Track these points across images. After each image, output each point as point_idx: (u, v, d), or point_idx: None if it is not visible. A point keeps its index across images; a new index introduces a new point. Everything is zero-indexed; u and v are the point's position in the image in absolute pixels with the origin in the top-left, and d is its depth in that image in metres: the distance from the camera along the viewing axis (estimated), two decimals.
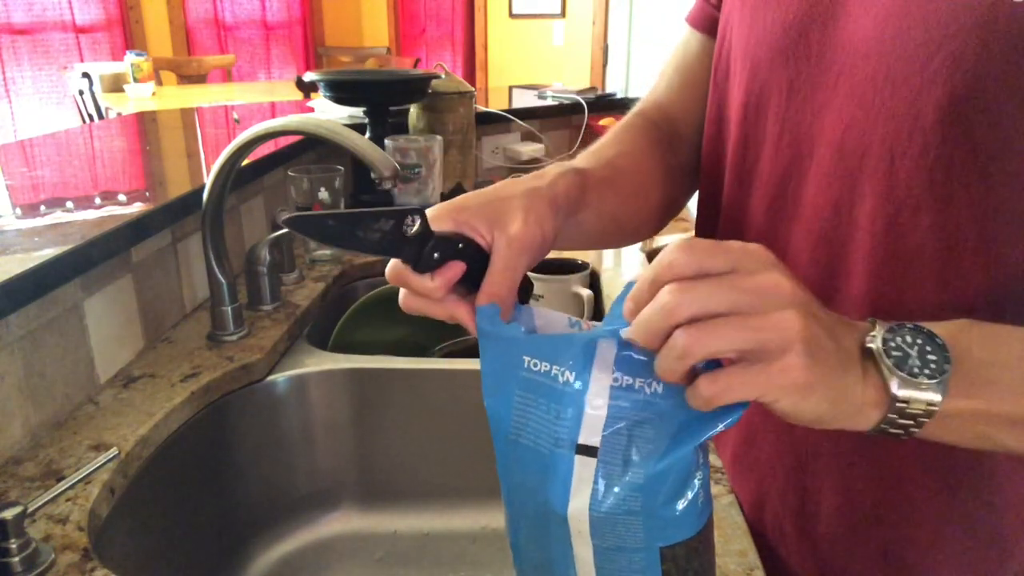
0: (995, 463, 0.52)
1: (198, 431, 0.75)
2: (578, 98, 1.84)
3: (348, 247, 0.40)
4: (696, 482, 0.38)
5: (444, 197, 1.37)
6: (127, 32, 4.20)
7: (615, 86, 4.09)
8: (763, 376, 0.34)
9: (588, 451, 0.38)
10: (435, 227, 0.43)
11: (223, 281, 0.83)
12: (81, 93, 3.17)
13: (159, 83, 3.64)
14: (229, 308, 0.84)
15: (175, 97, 3.10)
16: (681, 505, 0.37)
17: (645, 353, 0.37)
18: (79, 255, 0.68)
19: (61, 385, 0.69)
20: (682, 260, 0.35)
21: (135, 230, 0.77)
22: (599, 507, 0.37)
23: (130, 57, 3.06)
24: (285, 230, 0.95)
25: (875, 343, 0.37)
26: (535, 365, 0.39)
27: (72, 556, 0.53)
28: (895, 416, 0.37)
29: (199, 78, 4.04)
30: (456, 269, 0.42)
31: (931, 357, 0.37)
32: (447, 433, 0.87)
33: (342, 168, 1.09)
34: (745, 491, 0.66)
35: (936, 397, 0.36)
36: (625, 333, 0.36)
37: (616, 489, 0.37)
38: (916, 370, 0.37)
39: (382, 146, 1.15)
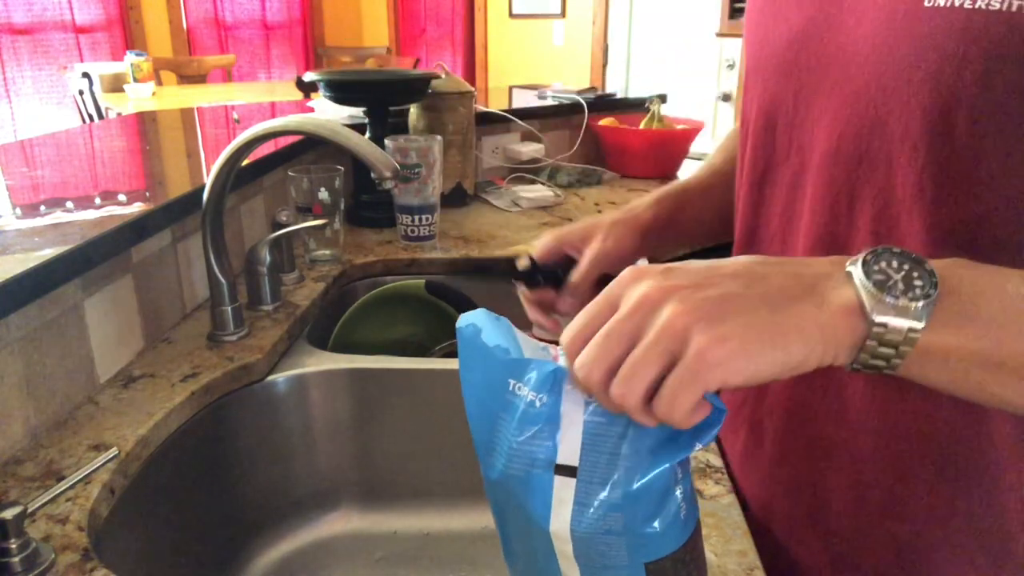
0: (998, 459, 0.52)
1: (198, 431, 0.75)
2: (578, 98, 1.84)
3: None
4: (677, 495, 0.38)
5: (444, 197, 1.37)
6: (127, 32, 4.20)
7: (615, 86, 4.09)
8: (689, 371, 0.34)
9: (567, 471, 0.38)
10: (543, 249, 0.71)
11: (223, 281, 0.83)
12: (81, 93, 3.18)
13: (159, 83, 3.64)
14: (229, 308, 0.84)
15: (175, 97, 3.10)
16: (662, 521, 0.37)
17: None
18: (79, 255, 0.68)
19: (61, 385, 0.69)
20: (572, 330, 0.37)
21: (135, 230, 0.77)
22: (580, 527, 0.37)
23: (130, 57, 3.06)
24: (285, 230, 0.95)
25: (855, 266, 0.36)
26: (518, 389, 0.39)
27: (72, 556, 0.53)
28: (874, 343, 0.35)
29: (199, 78, 4.04)
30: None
31: (917, 282, 0.36)
32: (447, 433, 0.87)
33: (342, 168, 1.09)
34: (755, 488, 0.66)
35: (918, 324, 0.35)
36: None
37: (596, 509, 0.37)
38: (898, 292, 0.35)
39: (382, 146, 1.15)
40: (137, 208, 0.80)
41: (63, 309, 0.69)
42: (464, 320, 0.42)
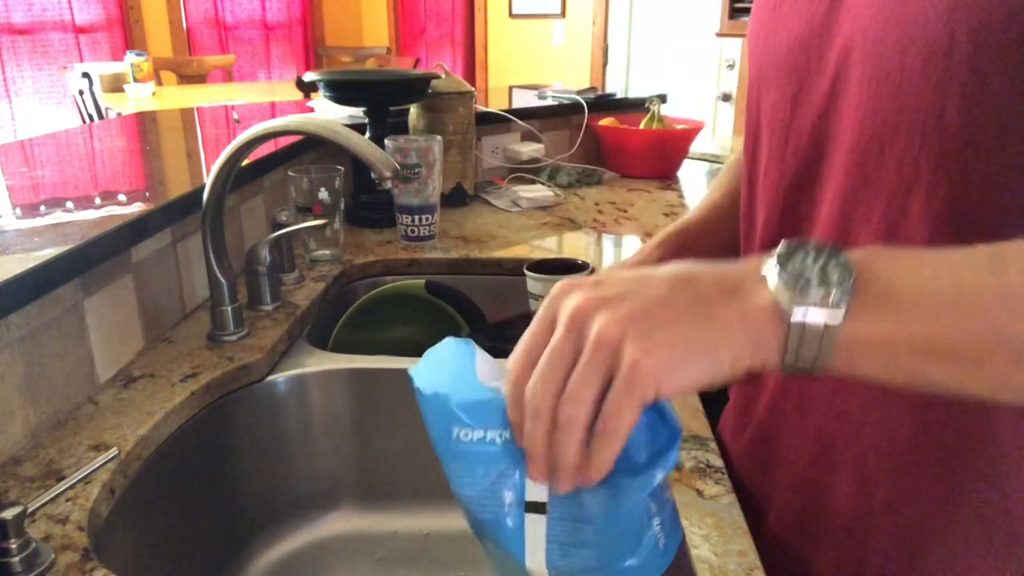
0: (1001, 446, 0.52)
1: (198, 431, 0.75)
2: (578, 98, 1.84)
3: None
4: (654, 528, 0.37)
5: (444, 197, 1.37)
6: (127, 32, 4.20)
7: (615, 86, 4.09)
8: (625, 384, 0.34)
9: (537, 508, 0.37)
10: None
11: (223, 281, 0.83)
12: (81, 93, 3.18)
13: (159, 83, 3.64)
14: (229, 308, 0.84)
15: (175, 97, 3.10)
16: (639, 555, 0.36)
17: None
18: (79, 255, 0.68)
19: (61, 385, 0.69)
20: (518, 354, 0.37)
21: (135, 230, 0.77)
22: (556, 564, 0.37)
23: (130, 57, 3.06)
24: (285, 230, 0.95)
25: (769, 264, 0.36)
26: (466, 435, 0.38)
27: (72, 556, 0.53)
28: (795, 342, 0.35)
29: (199, 78, 4.04)
30: None
31: (832, 275, 0.35)
32: None
33: (342, 168, 1.09)
34: (762, 488, 0.66)
35: (835, 320, 0.34)
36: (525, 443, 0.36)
37: (570, 547, 0.36)
38: (812, 288, 0.34)
39: (382, 146, 1.15)
40: (137, 208, 0.80)
41: (63, 309, 0.69)
42: (412, 371, 0.41)
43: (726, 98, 3.64)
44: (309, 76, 1.29)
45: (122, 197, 0.85)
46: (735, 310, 0.35)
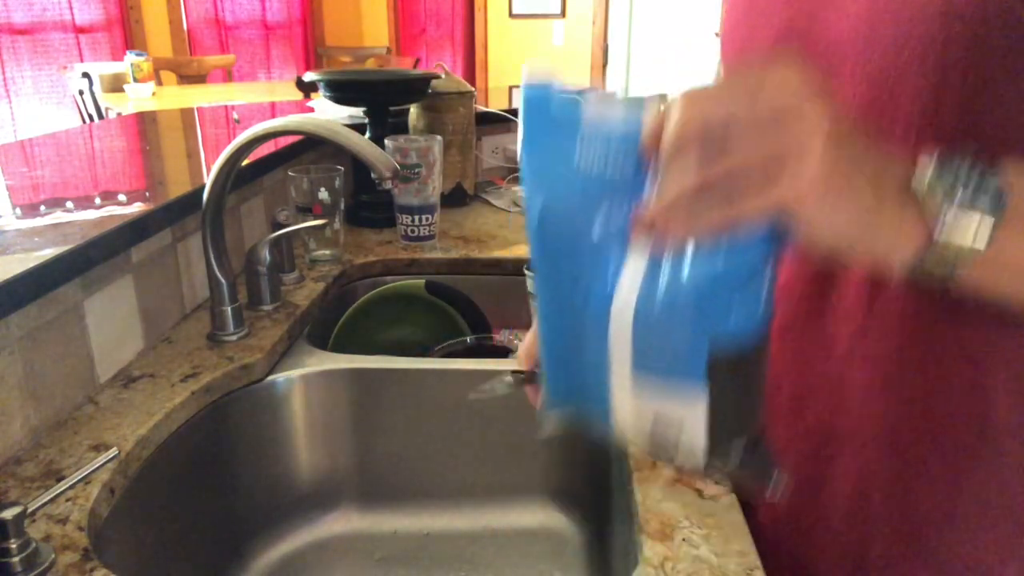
0: (999, 434, 0.52)
1: (198, 431, 0.75)
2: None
3: None
4: (760, 284, 0.34)
5: (444, 197, 1.37)
6: (127, 32, 4.20)
7: (615, 86, 4.09)
8: (775, 186, 0.33)
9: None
10: (526, 353, 0.53)
11: (223, 281, 0.83)
12: (81, 93, 3.18)
13: (159, 83, 3.64)
14: (229, 308, 0.84)
15: (175, 97, 3.10)
16: (738, 310, 0.34)
17: None
18: (79, 255, 0.68)
19: (61, 385, 0.69)
20: (701, 94, 0.34)
21: (135, 230, 0.77)
22: (647, 300, 0.34)
23: (130, 57, 3.06)
24: (285, 230, 0.95)
25: (925, 175, 0.36)
26: (592, 155, 0.35)
27: (72, 556, 0.53)
28: (934, 256, 0.35)
29: (199, 78, 4.04)
30: None
31: (982, 199, 0.35)
32: (447, 433, 0.87)
33: (342, 168, 1.09)
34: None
35: (980, 242, 0.35)
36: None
37: (668, 279, 0.34)
38: (961, 211, 0.35)
39: (382, 146, 1.14)
40: (137, 208, 0.80)
41: (63, 309, 0.69)
42: (531, 84, 0.37)
43: None
44: (309, 76, 1.29)
45: (122, 197, 0.85)
46: (896, 203, 0.35)
